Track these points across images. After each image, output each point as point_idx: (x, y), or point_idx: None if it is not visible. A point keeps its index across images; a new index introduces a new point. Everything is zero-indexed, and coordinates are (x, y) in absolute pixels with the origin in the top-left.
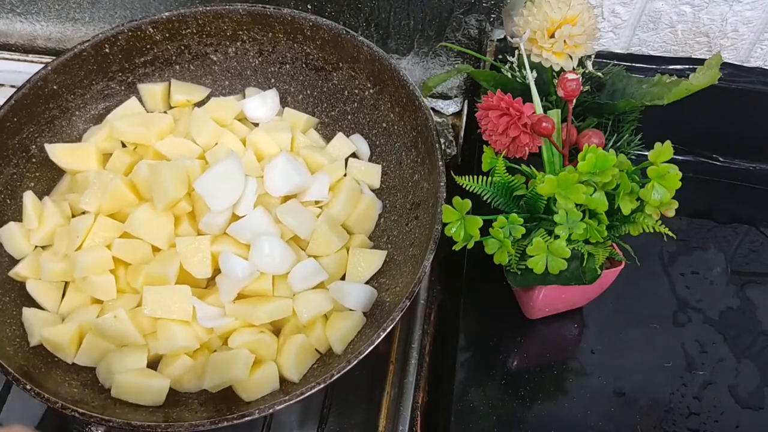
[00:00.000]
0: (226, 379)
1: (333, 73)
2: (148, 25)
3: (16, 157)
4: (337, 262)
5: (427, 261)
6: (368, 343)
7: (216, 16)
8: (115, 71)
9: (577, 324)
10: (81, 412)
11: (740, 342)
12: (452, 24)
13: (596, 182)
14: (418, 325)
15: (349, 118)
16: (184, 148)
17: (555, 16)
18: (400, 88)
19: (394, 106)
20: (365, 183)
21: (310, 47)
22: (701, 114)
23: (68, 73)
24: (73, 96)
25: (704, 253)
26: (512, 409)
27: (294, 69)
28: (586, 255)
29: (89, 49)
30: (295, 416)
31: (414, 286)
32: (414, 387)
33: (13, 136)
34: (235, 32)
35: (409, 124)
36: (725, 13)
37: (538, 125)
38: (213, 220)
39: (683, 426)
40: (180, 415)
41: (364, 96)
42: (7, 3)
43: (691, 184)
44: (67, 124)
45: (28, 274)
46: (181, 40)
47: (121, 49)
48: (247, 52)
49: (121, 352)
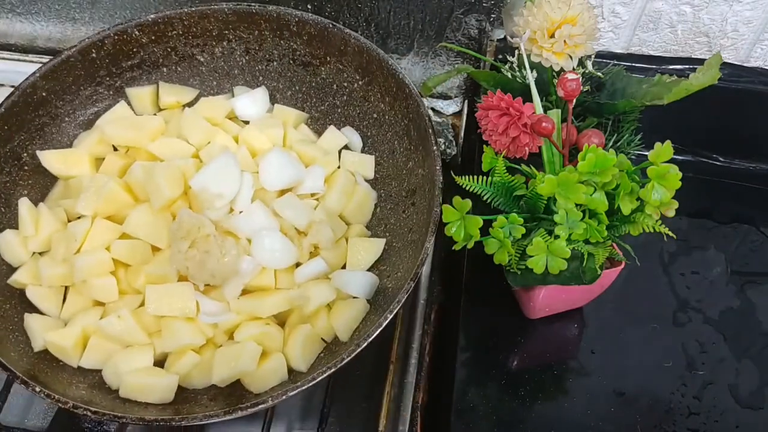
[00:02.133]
0: (234, 372)
1: (321, 68)
2: (133, 28)
3: (9, 166)
4: (336, 253)
5: (429, 243)
6: (376, 326)
7: (201, 16)
8: (103, 76)
9: (577, 324)
10: (93, 411)
11: (740, 342)
12: (452, 24)
13: (596, 182)
14: (418, 325)
15: (339, 111)
16: (177, 149)
17: (555, 16)
18: (389, 77)
19: (384, 96)
20: (359, 174)
21: (297, 43)
22: (701, 114)
23: (56, 79)
24: (62, 102)
25: (704, 253)
26: (512, 409)
27: (281, 66)
28: (586, 255)
29: (76, 55)
30: (295, 416)
31: (417, 268)
32: (414, 387)
33: (4, 144)
34: (221, 32)
35: (400, 113)
36: (725, 13)
37: (538, 125)
38: (213, 216)
39: (683, 426)
40: (191, 410)
41: (353, 88)
42: (7, 3)
43: (691, 184)
44: (57, 130)
45: (27, 281)
46: (168, 42)
47: (108, 54)
48: (233, 51)
49: (127, 353)
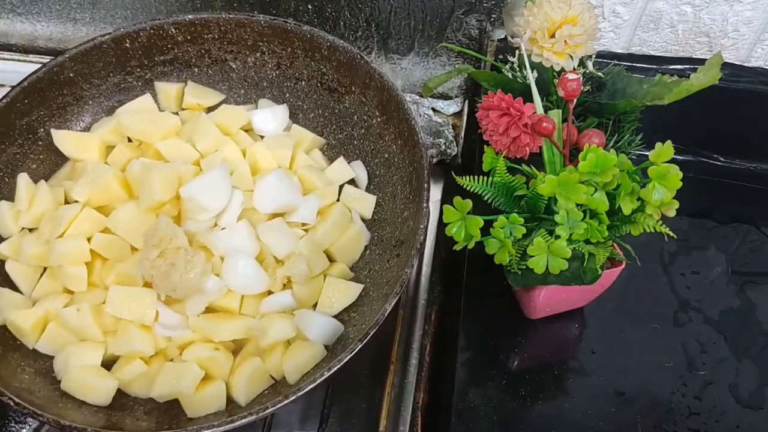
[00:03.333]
0: (173, 390)
1: (345, 96)
2: (170, 25)
3: (22, 138)
4: (310, 289)
5: (389, 305)
6: (325, 370)
7: (238, 24)
8: (134, 66)
9: (578, 324)
10: (17, 402)
11: (740, 342)
12: (453, 24)
13: (597, 182)
14: (418, 325)
15: (354, 143)
16: (182, 152)
17: (555, 16)
18: (403, 120)
19: (397, 138)
20: (357, 211)
21: (326, 67)
22: (702, 114)
23: (86, 63)
24: (88, 85)
25: (705, 253)
26: (513, 409)
27: (309, 86)
28: (586, 255)
29: (109, 42)
30: (295, 416)
31: (369, 329)
32: (414, 387)
33: (22, 116)
34: (255, 42)
35: (407, 158)
36: (726, 12)
37: (539, 125)
38: (195, 228)
39: (684, 426)
40: (121, 420)
41: (372, 124)
42: (7, 3)
43: (691, 184)
44: (79, 111)
45: (8, 254)
46: (203, 44)
47: (141, 46)
48: (265, 63)
49: (80, 346)
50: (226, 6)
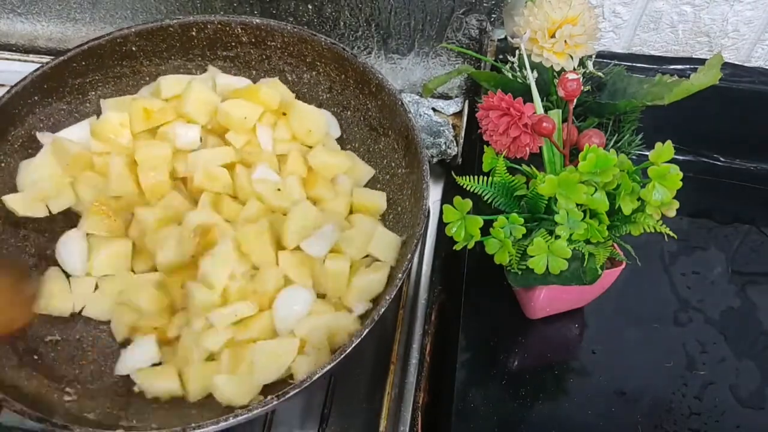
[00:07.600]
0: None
1: (382, 138)
2: (237, 24)
3: (71, 96)
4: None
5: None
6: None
7: (301, 39)
8: (196, 54)
9: (578, 324)
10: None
11: (741, 342)
12: (453, 24)
13: (597, 182)
14: (418, 325)
15: (378, 187)
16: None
17: (556, 16)
18: (420, 180)
19: (411, 195)
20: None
21: (372, 104)
22: (702, 114)
23: (150, 40)
24: (149, 62)
25: (705, 253)
26: (513, 409)
27: (353, 117)
28: (586, 255)
29: (176, 27)
30: (295, 416)
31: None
32: (415, 387)
33: (76, 77)
34: (314, 61)
35: (416, 217)
36: (726, 12)
37: (539, 125)
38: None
39: (684, 426)
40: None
41: (397, 173)
42: (8, 3)
43: (692, 184)
44: (134, 84)
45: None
46: (265, 49)
47: (207, 37)
48: (319, 83)
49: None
50: (225, 6)
